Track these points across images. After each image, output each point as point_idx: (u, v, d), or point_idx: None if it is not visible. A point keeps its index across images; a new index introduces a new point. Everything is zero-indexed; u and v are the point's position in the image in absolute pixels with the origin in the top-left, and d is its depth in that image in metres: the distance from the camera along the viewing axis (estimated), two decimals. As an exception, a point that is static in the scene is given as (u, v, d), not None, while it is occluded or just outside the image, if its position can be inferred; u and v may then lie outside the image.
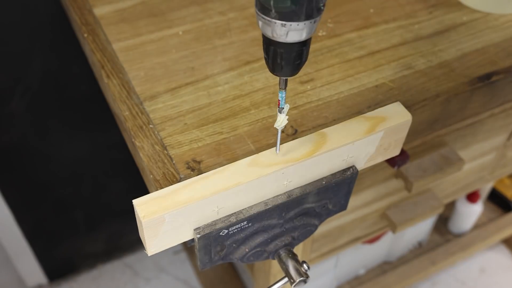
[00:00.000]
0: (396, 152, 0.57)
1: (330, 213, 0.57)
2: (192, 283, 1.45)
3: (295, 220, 0.54)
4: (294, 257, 0.55)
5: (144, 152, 0.53)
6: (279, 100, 0.45)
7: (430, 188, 0.87)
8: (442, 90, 0.60)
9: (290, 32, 0.39)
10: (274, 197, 0.51)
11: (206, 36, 0.66)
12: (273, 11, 0.38)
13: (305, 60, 0.43)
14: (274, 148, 0.50)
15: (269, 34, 0.40)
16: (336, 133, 0.51)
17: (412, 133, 0.60)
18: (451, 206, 1.36)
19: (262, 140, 0.54)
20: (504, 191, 1.42)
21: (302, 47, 0.42)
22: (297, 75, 0.61)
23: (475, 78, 0.61)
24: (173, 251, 1.50)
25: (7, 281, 1.39)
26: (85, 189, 1.26)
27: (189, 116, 0.56)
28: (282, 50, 0.41)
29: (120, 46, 0.64)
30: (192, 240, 0.49)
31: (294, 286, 0.54)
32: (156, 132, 0.55)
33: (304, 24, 0.39)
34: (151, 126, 0.55)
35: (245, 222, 0.50)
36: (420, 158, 0.74)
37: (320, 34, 0.67)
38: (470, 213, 1.33)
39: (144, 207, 0.45)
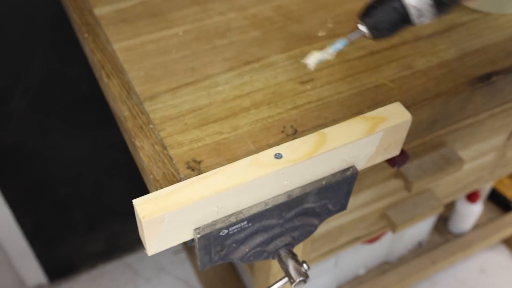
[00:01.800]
0: (396, 152, 0.57)
1: (330, 213, 0.57)
2: (192, 283, 1.45)
3: (295, 220, 0.54)
4: (294, 257, 0.55)
5: (144, 152, 0.53)
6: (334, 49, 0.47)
7: (430, 188, 0.87)
8: (442, 90, 0.60)
9: None
10: (274, 197, 0.51)
11: (206, 36, 0.66)
12: None
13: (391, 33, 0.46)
14: (274, 148, 0.50)
15: None
16: (336, 133, 0.51)
17: (412, 133, 0.60)
18: (451, 206, 1.36)
19: (262, 140, 0.54)
20: (504, 191, 1.42)
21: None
22: (297, 75, 0.61)
23: (475, 78, 0.61)
24: (173, 251, 1.50)
25: (7, 281, 1.39)
26: (85, 189, 1.26)
27: (189, 116, 0.56)
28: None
29: (120, 46, 0.64)
30: (192, 240, 0.49)
31: (294, 286, 0.54)
32: (156, 132, 0.55)
33: None
34: (151, 126, 0.55)
35: (245, 222, 0.50)
36: (420, 158, 0.74)
37: (320, 34, 0.67)
38: (470, 213, 1.33)
39: (144, 207, 0.45)
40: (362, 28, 0.46)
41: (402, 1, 0.45)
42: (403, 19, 0.45)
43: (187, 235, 0.49)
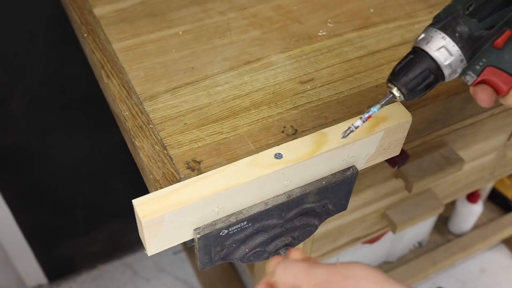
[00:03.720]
0: (396, 152, 0.57)
1: (330, 213, 0.57)
2: (192, 283, 1.45)
3: (295, 220, 0.54)
4: (294, 257, 0.55)
5: (144, 152, 0.53)
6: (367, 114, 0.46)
7: (430, 188, 0.87)
8: (442, 90, 0.60)
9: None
10: (274, 197, 0.51)
11: (206, 36, 0.66)
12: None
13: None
14: (274, 148, 0.50)
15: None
16: (336, 133, 0.51)
17: (412, 133, 0.60)
18: (451, 206, 1.36)
19: (262, 140, 0.54)
20: (504, 191, 1.42)
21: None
22: (297, 75, 0.61)
23: (475, 78, 0.61)
24: (173, 251, 1.50)
25: (7, 281, 1.39)
26: (85, 189, 1.26)
27: (189, 116, 0.56)
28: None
29: (120, 46, 0.64)
30: (192, 240, 0.49)
31: (294, 286, 0.54)
32: (156, 132, 0.55)
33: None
34: (151, 126, 0.55)
35: (245, 222, 0.50)
36: (420, 158, 0.74)
37: (320, 34, 0.67)
38: (470, 213, 1.33)
39: (144, 207, 0.45)
40: (396, 92, 0.45)
41: (437, 62, 0.43)
42: (437, 79, 0.44)
43: (187, 235, 0.49)
